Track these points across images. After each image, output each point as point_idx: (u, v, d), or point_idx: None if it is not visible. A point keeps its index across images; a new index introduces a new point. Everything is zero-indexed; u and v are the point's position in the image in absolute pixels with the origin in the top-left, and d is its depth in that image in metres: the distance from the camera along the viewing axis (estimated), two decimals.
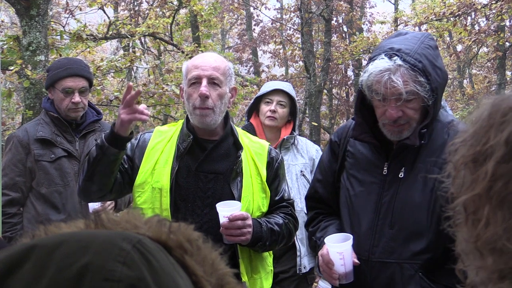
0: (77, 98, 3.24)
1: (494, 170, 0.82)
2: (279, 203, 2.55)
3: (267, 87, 3.67)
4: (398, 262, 2.07)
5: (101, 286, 0.51)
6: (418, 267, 2.04)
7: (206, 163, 2.43)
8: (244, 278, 2.39)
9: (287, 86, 3.69)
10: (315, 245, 2.37)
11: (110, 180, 2.36)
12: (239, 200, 2.38)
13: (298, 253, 3.50)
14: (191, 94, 2.40)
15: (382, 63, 1.92)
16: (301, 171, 3.56)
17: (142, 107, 2.28)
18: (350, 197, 2.23)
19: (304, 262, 3.52)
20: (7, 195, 3.17)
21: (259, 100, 3.65)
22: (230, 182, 2.41)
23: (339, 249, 2.07)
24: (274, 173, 2.54)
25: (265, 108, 3.57)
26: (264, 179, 2.49)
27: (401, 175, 2.09)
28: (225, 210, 2.27)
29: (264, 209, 2.50)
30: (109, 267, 0.52)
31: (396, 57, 1.92)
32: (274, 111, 3.54)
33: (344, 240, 2.10)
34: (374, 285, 2.12)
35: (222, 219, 2.26)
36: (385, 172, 2.13)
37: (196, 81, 2.39)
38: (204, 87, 2.35)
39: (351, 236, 2.09)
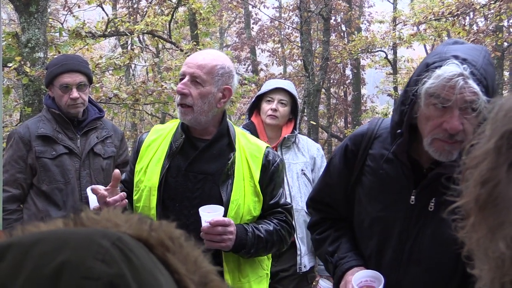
0: (75, 93, 3.22)
1: (481, 177, 0.82)
2: (273, 207, 2.48)
3: (268, 85, 3.65)
4: None
5: (79, 284, 0.50)
6: None
7: (197, 163, 2.39)
8: (229, 282, 2.33)
9: (288, 85, 3.66)
10: (326, 259, 2.20)
11: None
12: (228, 203, 2.33)
13: (298, 252, 3.48)
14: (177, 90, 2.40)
15: (453, 67, 1.72)
16: (302, 170, 3.55)
17: (112, 199, 2.26)
18: (371, 220, 2.05)
19: (305, 261, 3.51)
20: (8, 191, 3.16)
21: (260, 98, 3.63)
22: (219, 184, 2.36)
23: None
24: (270, 177, 2.45)
25: (266, 107, 3.56)
26: (257, 182, 2.42)
27: (431, 208, 1.92)
28: (207, 214, 2.22)
29: (256, 213, 2.44)
30: (88, 264, 0.51)
31: (465, 65, 1.72)
32: (275, 110, 3.52)
33: (374, 278, 1.95)
34: None
35: (204, 224, 2.21)
36: (412, 201, 1.95)
37: (182, 78, 2.37)
38: (181, 85, 2.33)
39: (383, 280, 1.91)
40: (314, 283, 3.97)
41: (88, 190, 2.97)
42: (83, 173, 3.27)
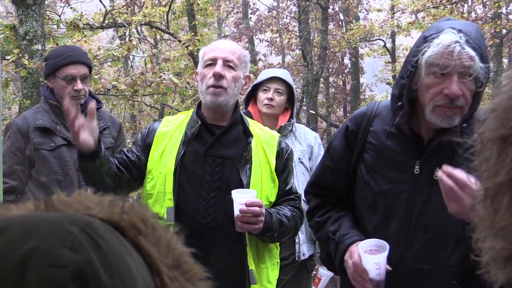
0: (79, 85, 3.21)
1: None
2: (287, 194, 2.57)
3: (264, 74, 3.68)
4: (432, 269, 1.97)
5: (47, 272, 0.49)
6: (452, 275, 1.95)
7: (215, 148, 2.46)
8: (252, 266, 2.41)
9: (284, 74, 3.69)
10: (326, 238, 2.20)
11: (105, 180, 2.41)
12: (248, 187, 2.39)
13: (297, 240, 3.51)
14: (206, 74, 2.45)
15: (451, 35, 1.82)
16: (299, 158, 3.57)
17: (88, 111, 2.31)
18: (374, 195, 2.08)
19: (303, 249, 3.54)
20: (6, 183, 3.14)
21: (256, 87, 3.66)
22: (239, 168, 2.43)
23: (377, 259, 1.93)
24: (284, 164, 2.55)
25: (262, 96, 3.58)
26: (273, 168, 2.50)
27: (436, 177, 1.91)
28: (241, 197, 2.27)
29: (272, 198, 2.51)
30: (56, 252, 0.50)
31: (461, 35, 1.82)
32: (271, 99, 3.54)
33: (379, 247, 1.97)
34: None
35: (238, 206, 2.25)
36: (416, 171, 2.00)
37: (211, 63, 2.45)
38: (219, 67, 2.41)
39: (388, 245, 1.93)
40: (314, 272, 4.01)
41: None
42: None
